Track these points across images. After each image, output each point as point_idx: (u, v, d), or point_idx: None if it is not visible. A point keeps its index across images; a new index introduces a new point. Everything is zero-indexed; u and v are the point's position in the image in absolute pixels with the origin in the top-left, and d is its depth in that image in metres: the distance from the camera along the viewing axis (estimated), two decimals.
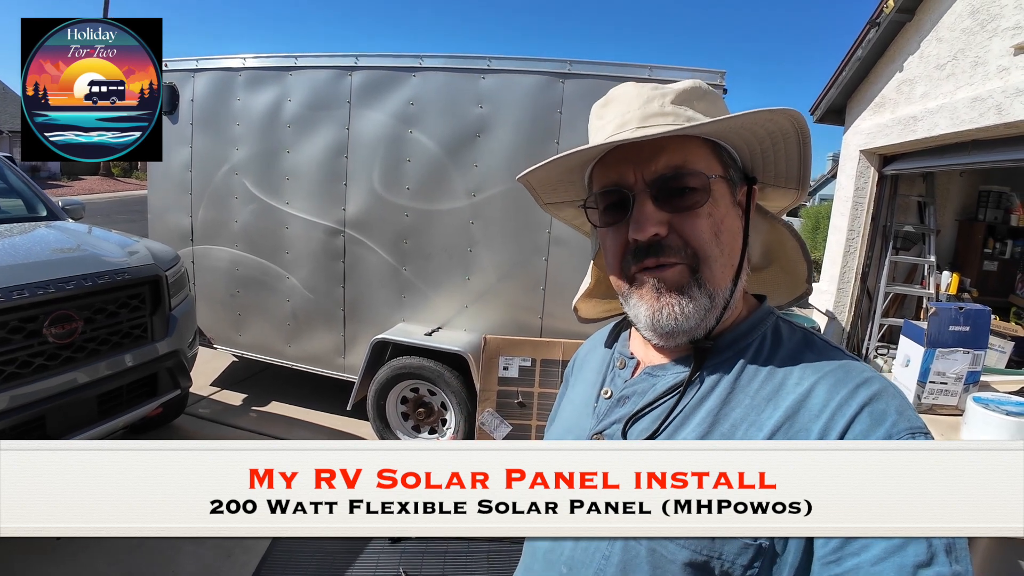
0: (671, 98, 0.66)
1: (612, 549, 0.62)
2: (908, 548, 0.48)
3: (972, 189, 5.47)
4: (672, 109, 0.65)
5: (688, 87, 0.67)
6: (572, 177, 0.75)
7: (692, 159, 0.64)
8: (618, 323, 0.84)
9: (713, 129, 0.64)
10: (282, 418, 3.92)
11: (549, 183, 0.77)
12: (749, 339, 0.67)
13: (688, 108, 0.65)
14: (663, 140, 0.64)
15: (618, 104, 0.68)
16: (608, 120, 0.68)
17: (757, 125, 0.64)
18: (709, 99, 0.68)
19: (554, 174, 0.73)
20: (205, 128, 3.80)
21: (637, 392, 0.69)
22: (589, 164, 0.72)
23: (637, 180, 0.64)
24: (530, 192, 0.79)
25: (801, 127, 0.65)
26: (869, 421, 0.55)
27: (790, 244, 0.77)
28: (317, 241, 3.60)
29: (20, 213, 3.36)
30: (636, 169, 0.64)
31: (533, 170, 0.70)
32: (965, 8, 3.68)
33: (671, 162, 0.63)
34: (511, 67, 3.10)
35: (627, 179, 0.65)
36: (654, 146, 0.64)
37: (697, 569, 0.57)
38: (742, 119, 0.62)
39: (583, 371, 0.84)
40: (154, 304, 2.86)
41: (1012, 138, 3.30)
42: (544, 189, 0.79)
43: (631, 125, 0.65)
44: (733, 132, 0.65)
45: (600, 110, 0.71)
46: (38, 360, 2.35)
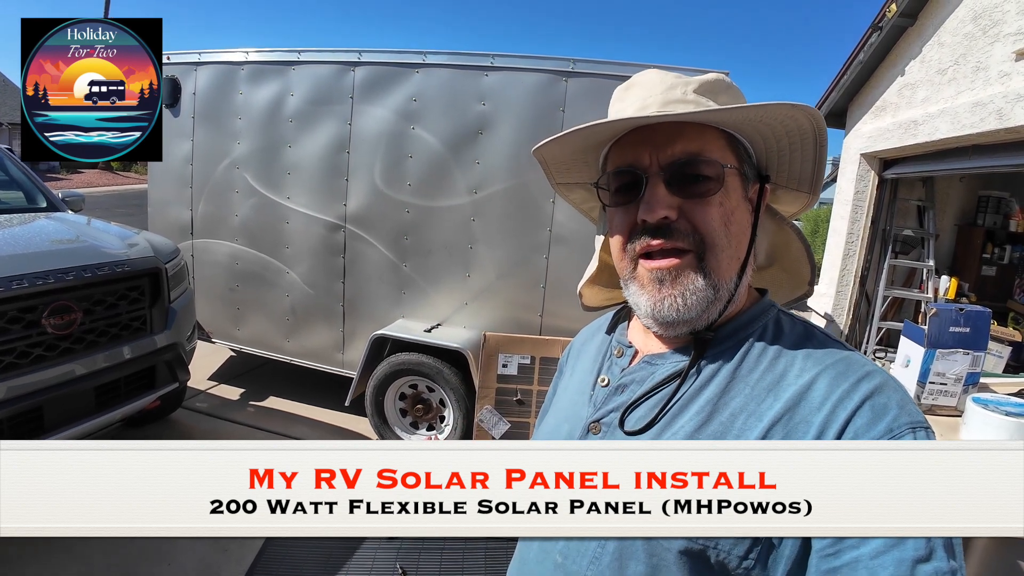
0: (694, 87, 0.66)
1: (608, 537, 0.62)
2: (907, 542, 0.49)
3: (972, 194, 5.48)
4: (694, 98, 0.65)
5: (712, 79, 0.67)
6: (587, 158, 0.75)
7: (708, 148, 0.64)
8: (618, 312, 0.84)
9: (731, 118, 0.64)
10: (280, 413, 3.92)
11: (563, 161, 0.77)
12: (750, 329, 0.67)
13: (710, 100, 0.65)
14: (681, 126, 0.64)
15: (640, 88, 0.68)
16: (629, 103, 0.68)
17: (776, 120, 0.64)
18: (731, 93, 0.68)
19: (568, 151, 0.73)
20: (206, 122, 3.79)
21: (635, 380, 0.69)
22: (605, 145, 0.72)
23: (652, 163, 0.64)
24: (543, 168, 0.78)
25: (819, 127, 0.65)
26: (871, 414, 0.55)
27: (796, 246, 0.78)
28: (317, 236, 3.60)
29: (20, 204, 3.35)
30: (652, 152, 0.64)
31: (549, 142, 0.70)
32: (967, 13, 3.69)
33: (687, 148, 0.63)
34: (514, 65, 3.09)
35: (642, 161, 0.65)
36: (671, 131, 0.64)
37: (693, 558, 0.57)
38: (761, 110, 0.62)
39: (580, 359, 0.84)
40: (153, 297, 2.86)
41: (1013, 143, 3.30)
42: (557, 167, 0.78)
43: (651, 109, 0.64)
44: (750, 125, 0.65)
45: (622, 93, 0.71)
46: (36, 351, 2.35)
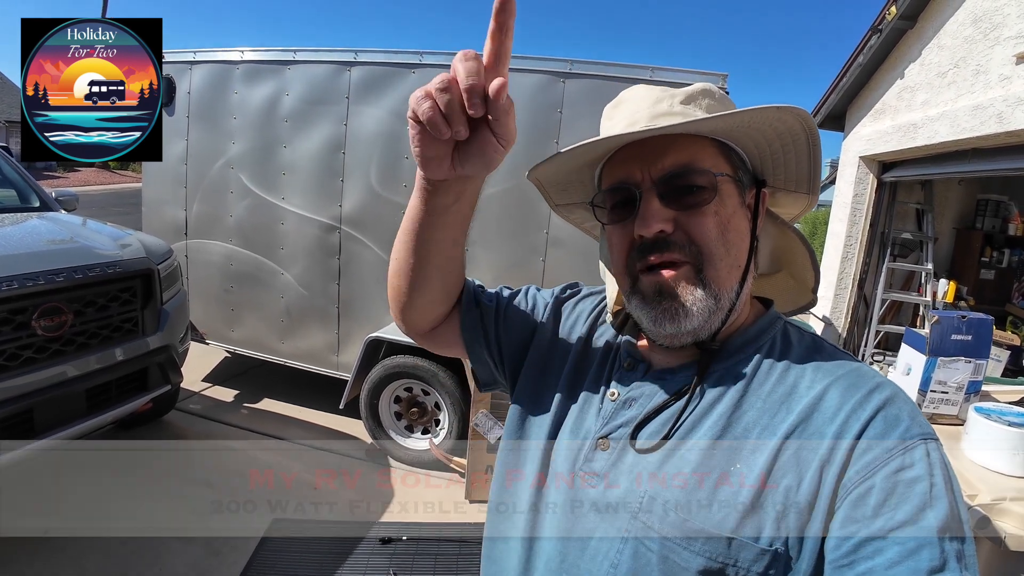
0: (680, 99, 0.66)
1: (621, 557, 0.60)
2: (922, 552, 0.48)
3: (970, 198, 5.48)
4: (681, 109, 0.65)
5: (698, 89, 0.67)
6: (582, 177, 0.75)
7: (699, 157, 0.64)
8: None
9: (719, 126, 0.63)
10: (274, 415, 3.89)
11: (559, 182, 0.76)
12: (759, 343, 0.67)
13: (697, 109, 0.65)
14: (670, 139, 0.64)
15: (628, 105, 0.69)
16: (617, 120, 0.69)
17: (765, 124, 0.64)
18: (719, 101, 0.68)
19: (563, 172, 0.73)
20: (201, 121, 3.77)
21: (645, 394, 0.68)
22: (599, 164, 0.72)
23: (644, 178, 0.64)
24: (541, 192, 0.78)
25: (809, 127, 0.65)
26: (883, 425, 0.55)
27: (800, 252, 0.76)
28: (312, 237, 3.57)
29: (13, 203, 3.32)
30: (643, 167, 0.64)
31: (540, 166, 0.69)
32: (967, 17, 3.68)
33: (678, 160, 0.63)
34: (512, 65, 3.02)
35: (634, 176, 0.65)
36: (661, 144, 0.64)
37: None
38: (747, 115, 0.61)
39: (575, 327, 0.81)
40: (145, 298, 2.83)
41: (1012, 147, 3.29)
42: (554, 189, 0.78)
43: (640, 124, 0.65)
44: (740, 131, 0.65)
45: (611, 111, 0.72)
46: (26, 353, 2.32)
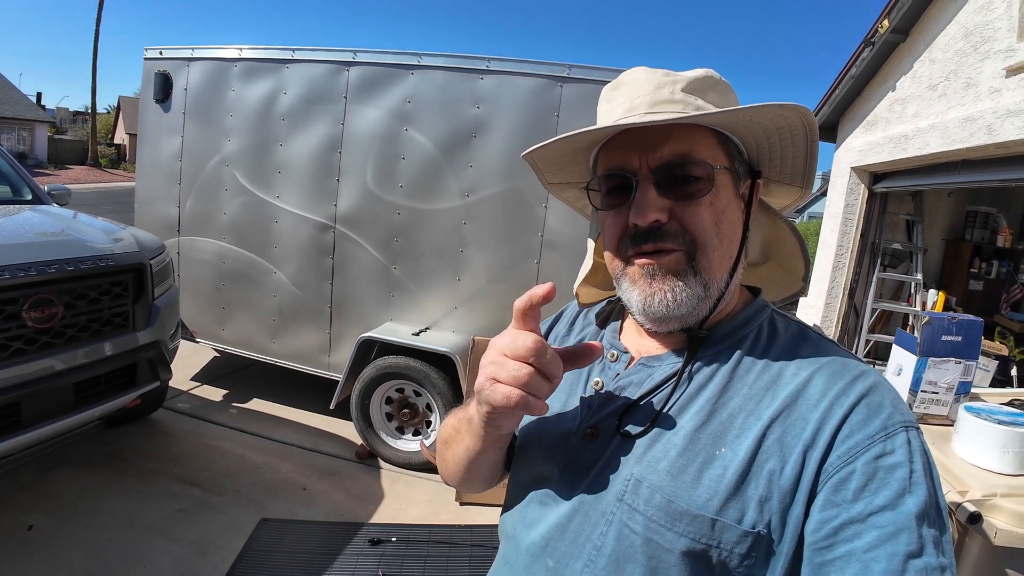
0: (682, 86, 0.65)
1: (604, 540, 0.60)
2: (900, 536, 0.49)
3: (960, 209, 5.55)
4: (682, 97, 0.64)
5: (700, 76, 0.66)
6: (577, 158, 0.75)
7: (698, 148, 0.63)
8: (610, 300, 0.83)
9: (721, 120, 0.63)
10: (264, 415, 3.86)
11: (554, 163, 0.76)
12: (746, 330, 0.67)
13: (698, 97, 0.65)
14: (670, 127, 0.63)
15: (628, 88, 0.67)
16: (617, 104, 0.68)
17: (766, 119, 0.64)
18: (720, 90, 0.67)
19: (558, 154, 0.73)
20: (197, 118, 3.76)
21: (632, 383, 0.68)
22: (595, 147, 0.71)
23: (641, 165, 0.64)
24: (533, 170, 0.78)
25: (809, 123, 0.65)
26: (866, 412, 0.56)
27: (789, 241, 0.77)
28: (306, 236, 3.56)
29: (5, 196, 3.30)
30: (641, 155, 0.64)
31: (537, 148, 0.69)
32: (959, 30, 3.74)
33: (676, 150, 0.63)
34: (510, 69, 3.08)
35: (631, 164, 0.64)
36: (660, 133, 0.63)
37: (695, 558, 0.56)
38: (751, 112, 0.61)
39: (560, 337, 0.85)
40: (137, 293, 2.81)
41: (1001, 159, 3.34)
42: (548, 168, 0.78)
43: (640, 110, 0.64)
44: (741, 124, 0.65)
45: (610, 93, 0.71)
46: (15, 344, 2.29)
